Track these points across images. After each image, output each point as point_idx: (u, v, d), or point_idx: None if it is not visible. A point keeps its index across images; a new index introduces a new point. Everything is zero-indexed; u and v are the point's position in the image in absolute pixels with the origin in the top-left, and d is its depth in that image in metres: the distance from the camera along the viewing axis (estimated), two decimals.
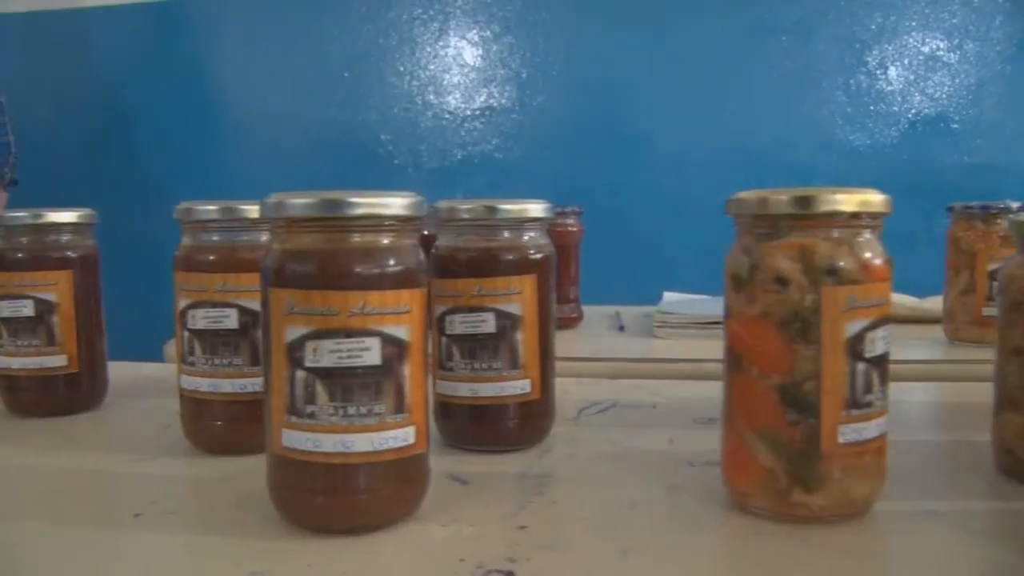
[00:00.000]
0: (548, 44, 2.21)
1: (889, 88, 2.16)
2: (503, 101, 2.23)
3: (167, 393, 0.70)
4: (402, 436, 0.48)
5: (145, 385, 0.85)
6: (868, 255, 0.47)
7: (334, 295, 0.46)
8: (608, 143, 2.19)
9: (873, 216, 0.47)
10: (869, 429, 0.47)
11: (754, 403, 0.48)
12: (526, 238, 0.63)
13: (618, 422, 0.72)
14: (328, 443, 0.47)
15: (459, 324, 0.62)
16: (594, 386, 0.85)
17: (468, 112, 2.24)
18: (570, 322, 1.18)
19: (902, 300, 1.23)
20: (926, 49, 2.15)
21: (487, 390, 0.62)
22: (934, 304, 1.14)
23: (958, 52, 2.14)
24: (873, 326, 0.46)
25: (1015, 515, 0.50)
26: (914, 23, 2.14)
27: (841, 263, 0.46)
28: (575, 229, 1.18)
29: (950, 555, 0.44)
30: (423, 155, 2.26)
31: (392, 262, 0.48)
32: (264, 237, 0.62)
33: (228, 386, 0.63)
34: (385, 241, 0.48)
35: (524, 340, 0.61)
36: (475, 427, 0.63)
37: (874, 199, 0.47)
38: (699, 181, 2.10)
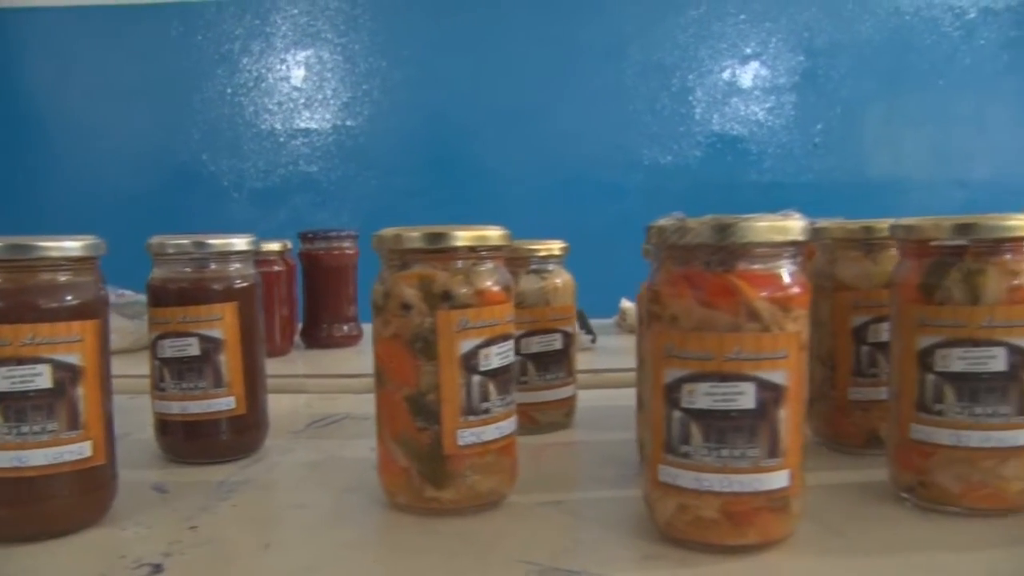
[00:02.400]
0: (367, 67, 2.27)
1: (691, 111, 2.31)
2: (323, 123, 2.27)
3: None
4: (78, 450, 0.53)
5: None
6: (487, 283, 0.55)
7: (6, 328, 0.51)
8: (427, 163, 2.26)
9: (491, 249, 0.55)
10: (488, 432, 0.55)
11: (392, 413, 0.55)
12: (231, 269, 0.69)
13: (338, 433, 0.78)
14: (4, 459, 0.52)
15: (168, 348, 0.67)
16: (339, 399, 0.91)
17: (289, 133, 2.28)
18: (349, 340, 1.24)
19: None
20: (724, 76, 2.31)
21: (195, 407, 0.67)
22: None
23: (751, 80, 2.31)
24: (487, 344, 0.54)
25: (625, 501, 0.58)
26: (712, 52, 2.29)
27: (457, 290, 0.53)
28: (352, 251, 1.24)
29: (546, 534, 0.53)
30: (246, 175, 2.28)
31: (69, 297, 0.53)
32: None
33: None
34: (62, 279, 0.53)
35: (227, 361, 0.67)
36: (188, 441, 0.69)
37: (491, 234, 0.55)
38: (515, 199, 2.20)
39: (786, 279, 0.48)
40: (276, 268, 1.18)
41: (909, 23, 2.30)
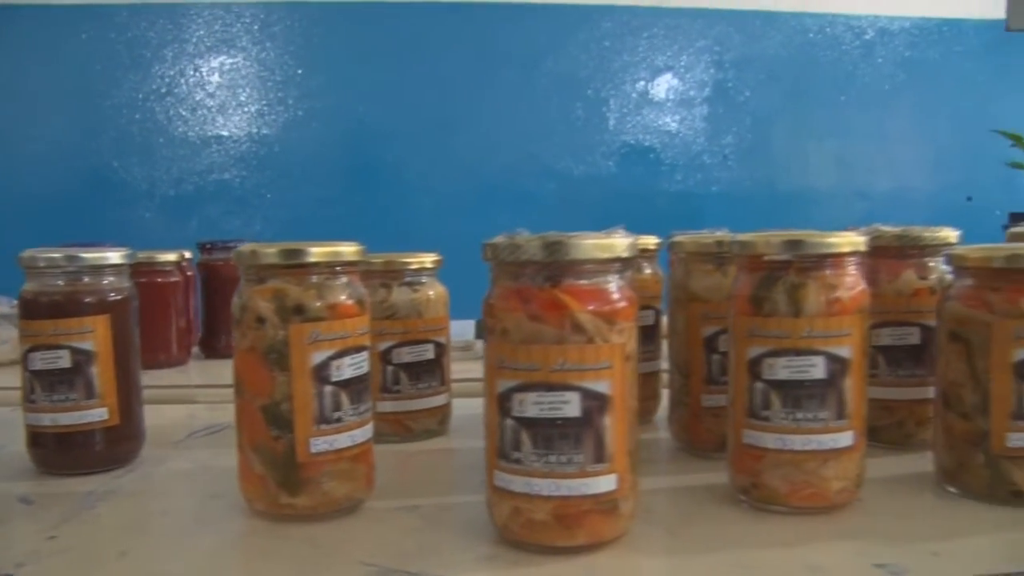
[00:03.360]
0: (283, 75, 2.27)
1: (604, 122, 2.35)
2: (237, 131, 2.26)
3: None
4: None
5: None
6: (341, 297, 0.57)
7: None
8: (342, 171, 2.27)
9: (346, 264, 0.57)
10: (340, 440, 0.57)
11: (249, 422, 0.57)
12: (105, 282, 0.70)
13: (217, 443, 0.80)
14: None
15: (39, 360, 0.68)
16: (228, 409, 0.92)
17: (203, 140, 2.26)
18: None
19: None
20: (637, 88, 2.36)
21: (66, 419, 0.68)
22: None
23: (664, 92, 2.37)
24: (339, 355, 0.56)
25: (478, 505, 0.60)
26: (625, 64, 2.34)
27: (310, 304, 0.56)
28: None
29: (394, 538, 0.55)
30: (158, 182, 2.26)
31: None
32: None
33: None
34: None
35: (99, 372, 0.68)
36: (59, 453, 0.69)
37: (345, 250, 0.57)
38: (429, 208, 2.22)
39: (612, 294, 0.51)
40: (173, 278, 1.18)
41: (813, 40, 2.38)
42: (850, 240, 0.57)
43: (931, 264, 0.72)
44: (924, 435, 0.71)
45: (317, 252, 0.56)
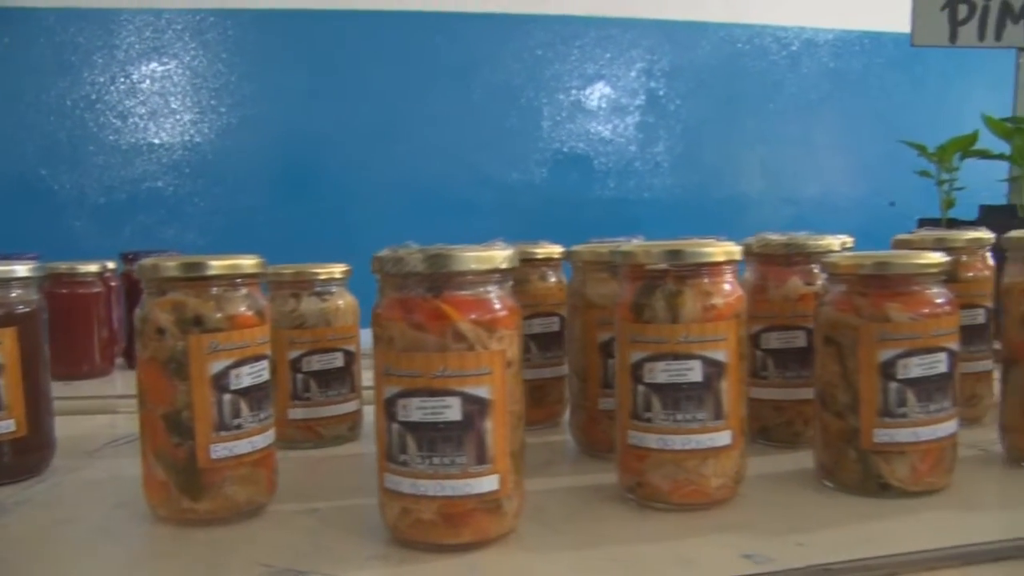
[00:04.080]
0: (216, 82, 2.26)
1: (538, 130, 2.39)
2: (170, 138, 2.25)
3: None
4: None
5: None
6: (240, 308, 0.59)
7: None
8: (277, 179, 2.27)
9: (245, 276, 0.60)
10: (240, 446, 0.59)
11: (152, 430, 0.59)
12: (13, 295, 0.71)
13: (132, 452, 0.80)
14: None
15: None
16: None
17: (135, 148, 2.25)
18: None
19: None
20: (571, 96, 2.40)
21: None
22: None
23: (597, 100, 2.41)
24: (238, 364, 0.58)
25: (371, 508, 0.62)
26: (558, 72, 2.38)
27: (209, 315, 0.58)
28: None
29: (292, 540, 0.57)
30: (88, 190, 2.24)
31: None
32: None
33: None
34: None
35: (7, 385, 0.69)
36: None
37: (244, 263, 0.59)
38: (366, 216, 2.23)
39: (493, 303, 0.54)
40: (95, 289, 1.19)
41: (741, 50, 2.44)
42: (725, 249, 0.61)
43: (816, 271, 0.76)
44: (811, 433, 0.75)
45: (216, 265, 0.58)
